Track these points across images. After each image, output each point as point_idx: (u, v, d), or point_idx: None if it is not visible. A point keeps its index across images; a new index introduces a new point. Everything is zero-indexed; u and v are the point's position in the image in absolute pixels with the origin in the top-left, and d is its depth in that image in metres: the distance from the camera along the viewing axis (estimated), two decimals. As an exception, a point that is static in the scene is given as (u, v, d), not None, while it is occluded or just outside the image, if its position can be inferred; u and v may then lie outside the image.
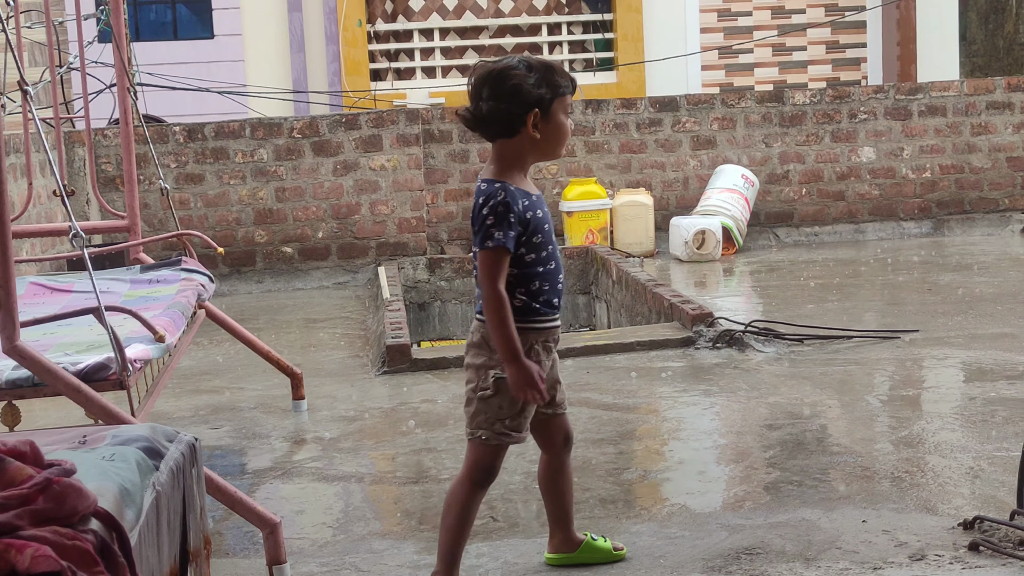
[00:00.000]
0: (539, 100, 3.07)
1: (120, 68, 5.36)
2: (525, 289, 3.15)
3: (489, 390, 3.14)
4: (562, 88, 3.12)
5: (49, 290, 4.76)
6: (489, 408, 3.15)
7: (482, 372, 3.15)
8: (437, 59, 12.53)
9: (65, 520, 1.72)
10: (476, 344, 3.18)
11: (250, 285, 9.18)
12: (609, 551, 3.40)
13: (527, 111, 3.07)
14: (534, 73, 3.08)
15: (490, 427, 3.16)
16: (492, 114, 3.08)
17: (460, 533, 3.20)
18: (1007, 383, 5.07)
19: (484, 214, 3.06)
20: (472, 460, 3.20)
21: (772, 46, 12.82)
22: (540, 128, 3.10)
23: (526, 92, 3.06)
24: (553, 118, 3.11)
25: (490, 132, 3.13)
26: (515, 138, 3.11)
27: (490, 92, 3.07)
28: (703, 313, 6.27)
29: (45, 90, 9.27)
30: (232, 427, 5.14)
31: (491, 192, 3.08)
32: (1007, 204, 10.17)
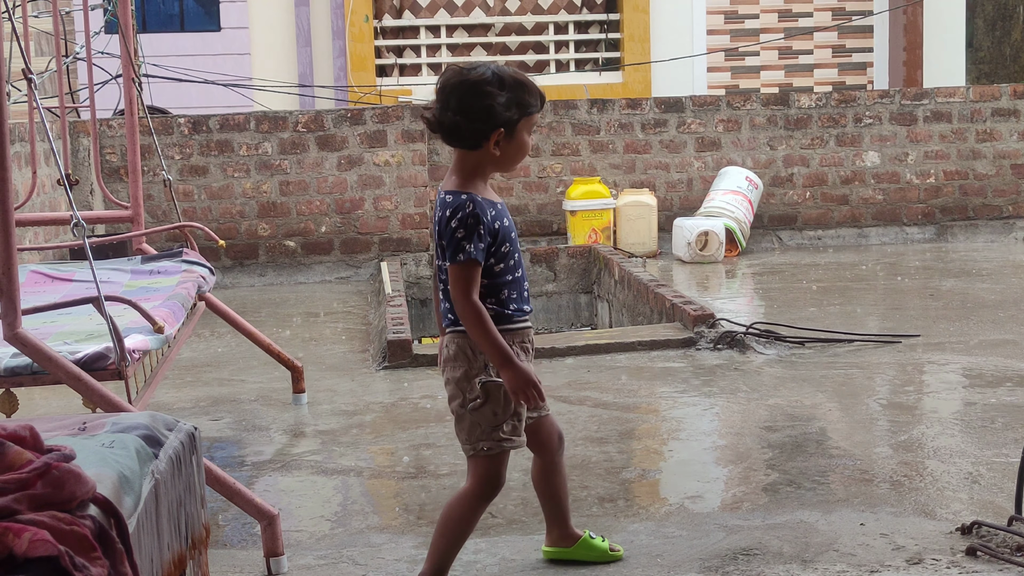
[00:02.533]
0: (506, 122, 3.03)
1: (126, 59, 5.37)
2: (495, 299, 3.11)
3: (479, 398, 3.09)
4: (531, 108, 3.07)
5: (50, 279, 4.76)
6: (484, 418, 3.10)
7: (465, 383, 3.10)
8: (443, 56, 12.53)
9: (63, 505, 1.72)
10: (452, 357, 3.12)
11: (252, 278, 9.18)
12: (605, 551, 3.39)
13: (493, 130, 3.02)
14: (506, 92, 3.02)
15: (489, 437, 3.11)
16: (458, 127, 3.03)
17: (458, 544, 3.18)
18: (1007, 389, 5.07)
19: (454, 227, 2.99)
20: (479, 475, 3.15)
21: (778, 49, 12.82)
22: (501, 146, 3.05)
23: (496, 114, 3.01)
24: (516, 137, 3.06)
25: (451, 141, 3.08)
26: (476, 151, 3.06)
27: (459, 105, 3.01)
28: (705, 314, 6.27)
29: (51, 79, 9.28)
30: (232, 419, 5.14)
31: (459, 204, 3.01)
32: (1011, 211, 10.16)
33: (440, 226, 3.04)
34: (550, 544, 3.41)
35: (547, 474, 3.35)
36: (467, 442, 3.14)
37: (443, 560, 3.16)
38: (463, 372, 3.10)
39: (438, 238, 3.06)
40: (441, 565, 3.16)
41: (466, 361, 3.09)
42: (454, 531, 3.16)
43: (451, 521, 3.16)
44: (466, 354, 3.09)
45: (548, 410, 3.30)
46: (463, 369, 3.10)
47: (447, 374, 3.14)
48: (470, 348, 3.08)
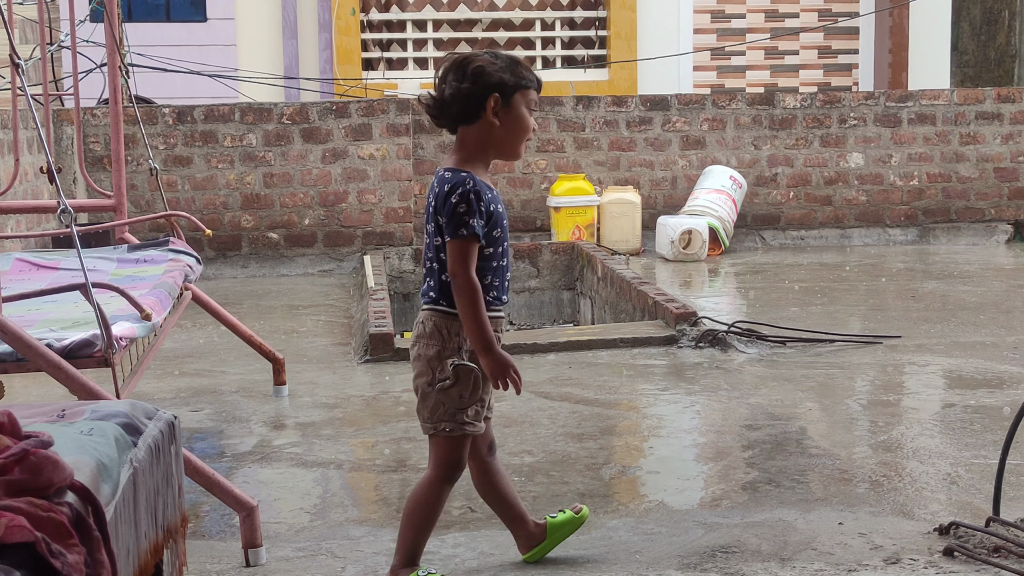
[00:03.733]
0: (500, 84, 3.04)
1: (111, 48, 5.35)
2: (488, 281, 3.10)
3: (449, 379, 3.08)
4: (525, 80, 3.09)
5: (35, 266, 4.74)
6: (450, 399, 3.10)
7: (436, 363, 3.09)
8: (430, 50, 12.52)
9: (41, 492, 1.72)
10: (428, 335, 3.11)
11: (235, 270, 9.16)
12: (573, 519, 3.39)
13: (487, 93, 3.04)
14: (499, 61, 3.07)
15: (452, 419, 3.10)
16: (453, 96, 3.05)
17: (426, 530, 3.17)
18: (987, 391, 5.09)
19: (454, 202, 3.00)
20: (440, 457, 3.14)
21: (764, 49, 12.84)
22: (500, 116, 3.06)
23: (487, 75, 3.03)
24: (514, 108, 3.07)
25: (451, 117, 3.09)
26: (475, 124, 3.07)
27: (454, 76, 3.05)
28: (687, 312, 6.28)
29: (35, 67, 9.24)
30: (212, 410, 5.13)
31: (459, 180, 3.02)
32: (993, 214, 10.20)
33: (438, 202, 3.04)
34: (526, 548, 3.37)
35: (489, 478, 3.32)
36: (428, 420, 3.13)
37: (413, 548, 3.16)
38: (436, 351, 3.09)
39: (434, 214, 3.06)
40: (411, 554, 3.16)
41: (440, 341, 3.09)
42: (420, 518, 3.15)
43: (417, 508, 3.15)
44: (442, 334, 3.09)
45: (492, 413, 3.26)
46: (436, 348, 3.09)
47: (418, 350, 3.13)
48: (447, 328, 3.08)
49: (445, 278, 3.08)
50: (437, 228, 3.06)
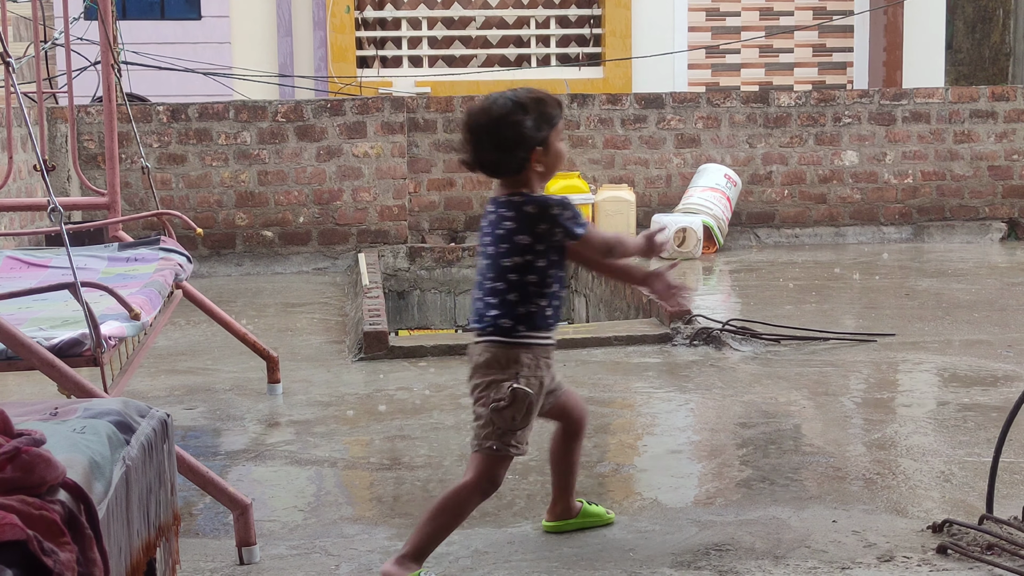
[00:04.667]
0: (541, 141, 3.19)
1: (105, 45, 5.34)
2: (548, 302, 3.25)
3: (504, 401, 3.19)
4: (555, 119, 3.23)
5: (26, 264, 4.73)
6: (503, 419, 3.20)
7: (493, 388, 3.21)
8: (424, 48, 12.51)
9: (33, 490, 1.71)
10: (486, 364, 3.23)
11: (229, 268, 9.15)
12: (603, 514, 3.58)
13: (531, 152, 3.18)
14: (530, 114, 3.17)
15: (500, 438, 3.20)
16: (500, 162, 3.20)
17: (444, 532, 3.25)
18: (981, 389, 5.09)
19: (558, 212, 3.17)
20: (480, 471, 3.23)
21: (759, 47, 12.84)
22: (542, 161, 3.21)
23: (528, 138, 3.17)
24: (551, 148, 3.22)
25: (495, 175, 3.26)
26: (521, 175, 3.22)
27: (492, 141, 3.17)
28: (681, 310, 6.28)
29: (29, 65, 9.23)
30: (206, 408, 5.13)
31: (544, 199, 3.20)
32: (987, 212, 10.21)
33: (528, 221, 3.18)
34: (555, 518, 3.52)
35: (568, 442, 3.53)
36: (476, 438, 3.24)
37: (427, 544, 3.21)
38: (492, 379, 3.22)
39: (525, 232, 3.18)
40: (423, 549, 3.20)
41: (499, 370, 3.22)
42: (445, 519, 3.23)
43: (445, 510, 3.23)
44: (500, 363, 3.22)
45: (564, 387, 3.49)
46: (493, 376, 3.22)
47: (477, 379, 3.26)
48: (505, 358, 3.21)
49: (512, 298, 3.21)
50: (524, 249, 3.19)
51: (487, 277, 3.25)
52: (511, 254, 3.20)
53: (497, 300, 3.22)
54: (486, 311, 3.24)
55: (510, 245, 3.20)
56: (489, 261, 3.24)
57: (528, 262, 3.20)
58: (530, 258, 3.20)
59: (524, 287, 3.21)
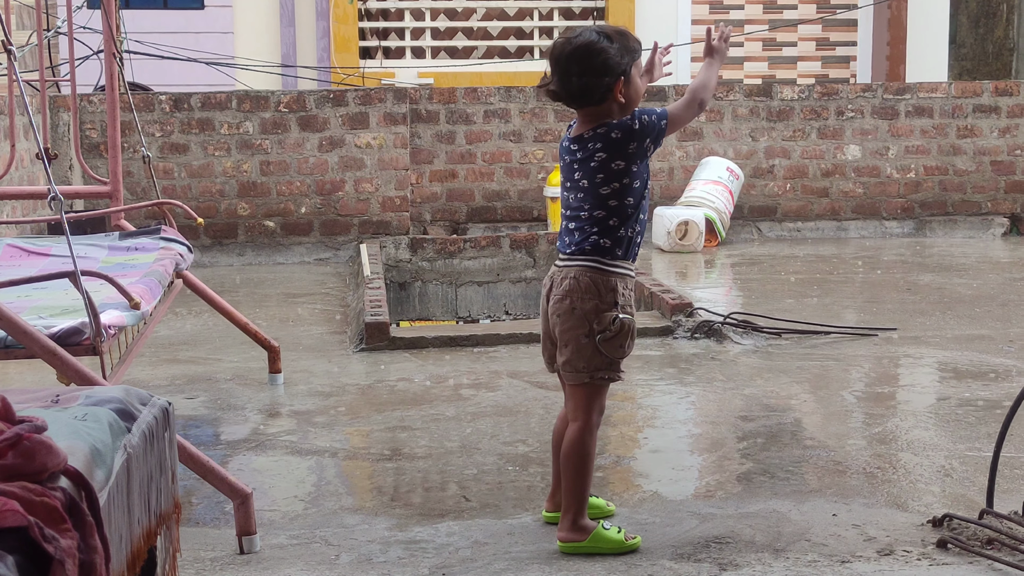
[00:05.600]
0: (624, 69, 3.28)
1: (108, 34, 5.33)
2: (640, 228, 3.37)
3: (611, 331, 3.30)
4: (637, 52, 3.33)
5: (26, 253, 4.73)
6: (611, 348, 3.32)
7: (593, 316, 3.30)
8: (427, 39, 12.50)
9: (34, 476, 1.71)
10: (583, 290, 3.32)
11: (231, 258, 9.15)
12: (603, 506, 3.59)
13: (616, 81, 3.26)
14: (615, 43, 3.27)
15: (609, 367, 3.35)
16: (585, 88, 3.27)
17: (590, 477, 3.37)
18: (982, 384, 5.09)
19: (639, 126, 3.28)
20: (590, 404, 3.37)
21: (762, 40, 12.83)
22: (624, 92, 3.29)
23: (614, 65, 3.26)
24: (632, 81, 3.31)
25: (580, 103, 3.32)
26: (603, 105, 3.30)
27: (580, 68, 3.26)
28: (683, 303, 6.28)
29: (32, 53, 9.22)
30: (207, 397, 5.13)
31: (621, 122, 3.28)
32: (990, 207, 10.20)
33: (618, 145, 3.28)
34: (554, 508, 3.52)
35: None
36: (584, 370, 3.34)
37: (582, 499, 3.36)
38: (593, 305, 3.31)
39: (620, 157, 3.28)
40: (581, 503, 3.36)
41: (597, 295, 3.30)
42: (586, 466, 3.35)
43: (581, 459, 3.35)
44: (599, 289, 3.31)
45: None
46: (594, 302, 3.31)
47: (570, 303, 3.33)
48: (604, 284, 3.30)
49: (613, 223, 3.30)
50: (620, 173, 3.29)
51: (584, 208, 3.33)
52: (608, 181, 3.29)
53: (598, 227, 3.31)
54: (586, 236, 3.33)
55: (606, 173, 3.29)
56: (583, 193, 3.33)
57: (625, 186, 3.30)
58: (627, 181, 3.30)
59: (623, 211, 3.31)
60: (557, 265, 3.42)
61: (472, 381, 5.31)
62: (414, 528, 3.52)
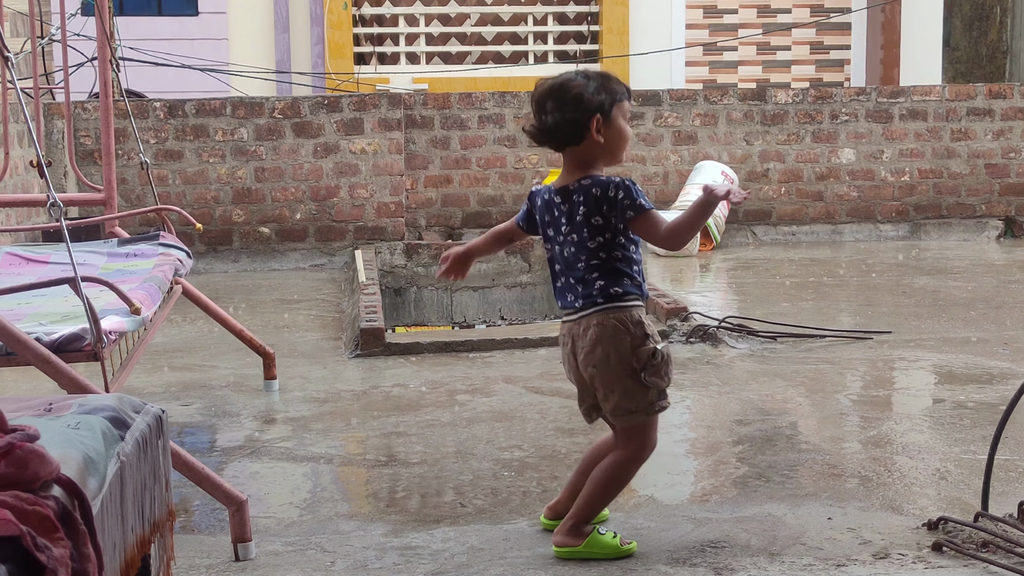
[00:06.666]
0: (599, 106, 3.25)
1: (102, 41, 5.33)
2: (639, 268, 3.35)
3: (652, 364, 3.28)
4: (619, 94, 3.29)
5: (25, 260, 4.73)
6: (659, 378, 3.30)
7: (631, 355, 3.27)
8: (421, 45, 12.51)
9: (26, 485, 1.71)
10: (612, 334, 3.28)
11: (226, 264, 9.15)
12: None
13: (590, 117, 3.24)
14: (592, 82, 3.27)
15: (660, 398, 3.33)
16: (558, 124, 3.27)
17: (611, 499, 3.41)
18: (977, 387, 5.10)
19: (614, 195, 3.25)
20: (646, 436, 3.36)
21: (756, 44, 12.84)
22: (603, 133, 3.26)
23: (587, 100, 3.24)
24: (614, 123, 3.28)
25: (558, 142, 3.32)
26: (582, 144, 3.28)
27: (554, 104, 3.26)
28: (678, 307, 6.28)
29: (26, 60, 9.22)
30: (203, 404, 5.12)
31: (605, 181, 3.27)
32: (984, 210, 10.22)
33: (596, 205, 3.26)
34: (553, 516, 3.50)
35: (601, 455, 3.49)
36: (639, 410, 3.32)
37: (593, 513, 3.37)
38: (628, 344, 3.28)
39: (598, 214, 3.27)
40: (589, 516, 3.36)
41: (627, 334, 3.28)
42: (613, 491, 3.38)
43: (613, 484, 3.37)
44: (627, 328, 3.29)
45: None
46: (627, 342, 3.28)
47: (603, 352, 3.29)
48: (628, 320, 3.29)
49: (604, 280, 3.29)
50: (601, 229, 3.28)
51: (579, 261, 3.32)
52: (593, 236, 3.29)
53: (598, 275, 3.30)
54: (590, 287, 3.31)
55: (589, 228, 3.28)
56: (575, 248, 3.32)
57: (608, 240, 3.29)
58: (609, 235, 3.29)
59: (614, 263, 3.30)
60: (567, 321, 3.38)
61: (467, 387, 5.30)
62: (410, 534, 3.52)
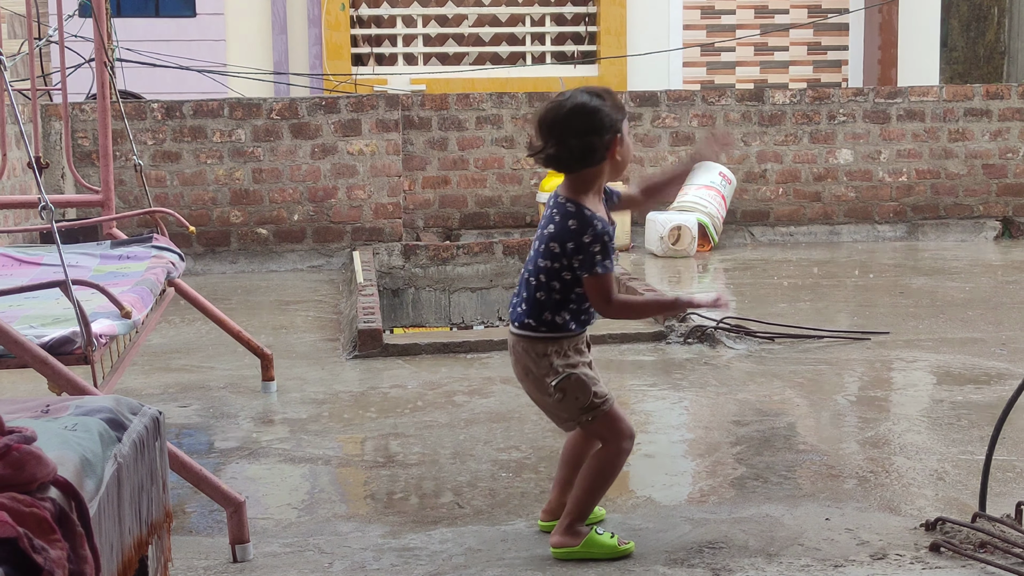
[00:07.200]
0: (615, 124, 3.22)
1: (99, 43, 5.33)
2: (576, 307, 3.28)
3: (559, 395, 3.28)
4: (624, 111, 3.29)
5: (17, 262, 4.73)
6: (572, 405, 3.29)
7: (540, 383, 3.30)
8: (419, 46, 12.51)
9: (23, 487, 1.71)
10: (520, 358, 3.32)
11: (224, 265, 9.14)
12: (596, 512, 3.53)
13: (613, 137, 3.22)
14: (606, 101, 3.22)
15: (589, 410, 3.29)
16: (588, 148, 3.21)
17: (601, 494, 3.38)
18: (974, 387, 5.10)
19: (588, 242, 3.18)
20: (608, 431, 3.33)
21: (754, 45, 12.84)
22: (619, 151, 3.24)
23: (611, 122, 3.20)
24: (624, 140, 3.26)
25: (581, 164, 3.25)
26: (600, 166, 3.25)
27: (580, 128, 3.19)
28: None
29: (23, 62, 9.21)
30: (201, 406, 5.12)
31: (588, 223, 3.20)
32: (981, 211, 10.22)
33: (562, 234, 3.22)
34: (550, 518, 3.49)
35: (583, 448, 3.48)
36: (571, 419, 3.35)
37: (587, 510, 3.36)
38: (534, 374, 3.31)
39: (551, 241, 3.23)
40: (587, 513, 3.36)
41: (534, 363, 3.31)
42: (601, 487, 3.34)
43: (602, 479, 3.34)
44: (531, 357, 3.30)
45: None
46: (532, 370, 3.31)
47: (523, 369, 3.35)
48: (534, 352, 3.30)
49: (540, 296, 3.27)
50: (555, 256, 3.24)
51: (527, 269, 3.31)
52: (546, 256, 3.26)
53: (528, 296, 3.29)
54: (519, 305, 3.32)
55: (546, 247, 3.26)
56: (531, 256, 3.31)
57: (555, 269, 3.25)
58: (557, 266, 3.25)
59: (550, 291, 3.26)
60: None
61: (465, 388, 5.30)
62: (407, 535, 3.52)
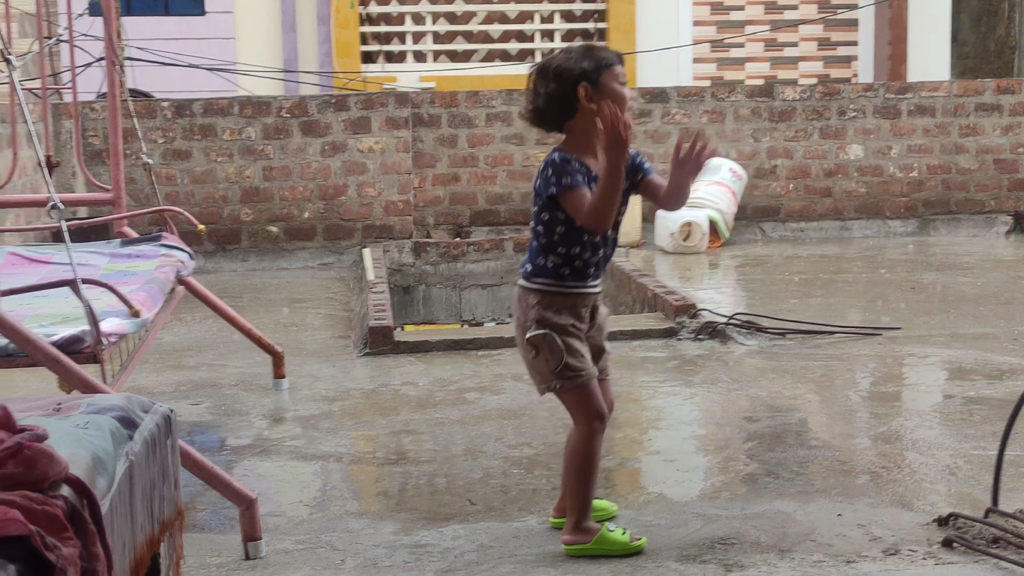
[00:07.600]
0: (583, 73, 3.22)
1: (109, 42, 5.34)
2: (566, 251, 3.29)
3: (532, 352, 3.29)
4: (606, 60, 3.26)
5: (28, 261, 4.73)
6: (542, 366, 3.30)
7: (521, 335, 3.33)
8: (428, 43, 12.51)
9: (35, 485, 1.71)
10: (515, 305, 3.38)
11: (235, 263, 9.15)
12: (607, 508, 3.56)
13: (575, 85, 3.22)
14: (574, 53, 3.28)
15: (559, 376, 3.29)
16: (547, 101, 3.27)
17: (592, 481, 3.35)
18: (986, 382, 5.08)
19: (548, 174, 3.25)
20: (576, 409, 3.34)
21: (764, 41, 12.83)
22: (595, 100, 3.21)
23: (568, 70, 3.23)
24: (605, 87, 3.22)
25: (554, 119, 3.31)
26: (577, 117, 3.26)
27: (541, 82, 3.28)
28: (686, 304, 6.27)
29: (33, 61, 9.23)
30: (212, 403, 5.13)
31: (550, 159, 3.27)
32: (993, 206, 10.19)
33: (538, 180, 3.30)
34: (561, 515, 3.48)
35: None
36: (541, 383, 3.36)
37: (585, 501, 3.34)
38: (520, 323, 3.34)
39: (534, 187, 3.33)
40: (586, 508, 3.34)
41: (523, 313, 3.34)
42: (585, 471, 3.32)
43: (580, 464, 3.33)
44: (521, 307, 3.35)
45: (608, 375, 3.51)
46: (520, 320, 3.34)
47: (514, 315, 3.42)
48: (525, 300, 3.34)
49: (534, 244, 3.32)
50: (535, 201, 3.33)
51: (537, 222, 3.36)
52: (534, 204, 3.35)
53: (530, 256, 3.35)
54: (524, 264, 3.38)
55: (535, 195, 3.33)
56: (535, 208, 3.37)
57: (536, 213, 3.32)
58: (536, 209, 3.32)
59: (538, 236, 3.32)
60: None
61: (476, 384, 5.30)
62: (420, 532, 3.52)
